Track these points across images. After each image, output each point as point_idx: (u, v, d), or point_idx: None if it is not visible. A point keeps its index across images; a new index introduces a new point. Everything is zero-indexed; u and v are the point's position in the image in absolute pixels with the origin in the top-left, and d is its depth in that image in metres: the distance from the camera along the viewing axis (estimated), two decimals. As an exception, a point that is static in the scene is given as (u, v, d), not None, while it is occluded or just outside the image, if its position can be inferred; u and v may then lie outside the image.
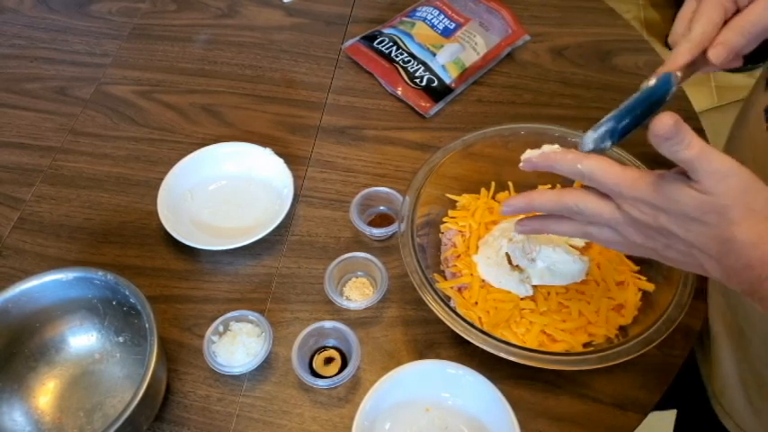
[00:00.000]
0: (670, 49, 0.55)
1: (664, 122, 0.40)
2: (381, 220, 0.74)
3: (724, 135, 0.70)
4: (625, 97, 0.55)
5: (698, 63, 0.52)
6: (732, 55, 0.50)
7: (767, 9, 0.49)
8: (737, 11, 0.50)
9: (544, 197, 0.50)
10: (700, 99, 1.86)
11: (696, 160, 0.41)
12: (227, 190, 0.77)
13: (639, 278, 0.64)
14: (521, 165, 0.51)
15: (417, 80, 0.85)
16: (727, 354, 0.64)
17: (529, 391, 0.62)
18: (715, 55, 0.50)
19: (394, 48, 0.88)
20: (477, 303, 0.64)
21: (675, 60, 0.51)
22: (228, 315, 0.64)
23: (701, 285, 0.63)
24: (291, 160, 0.78)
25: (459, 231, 0.69)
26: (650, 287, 0.63)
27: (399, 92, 0.86)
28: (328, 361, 0.64)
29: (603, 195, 0.47)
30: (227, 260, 0.71)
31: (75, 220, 0.76)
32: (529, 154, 0.50)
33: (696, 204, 0.42)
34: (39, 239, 0.74)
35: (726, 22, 0.50)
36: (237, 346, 0.62)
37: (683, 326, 0.60)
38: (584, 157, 0.47)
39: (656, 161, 0.74)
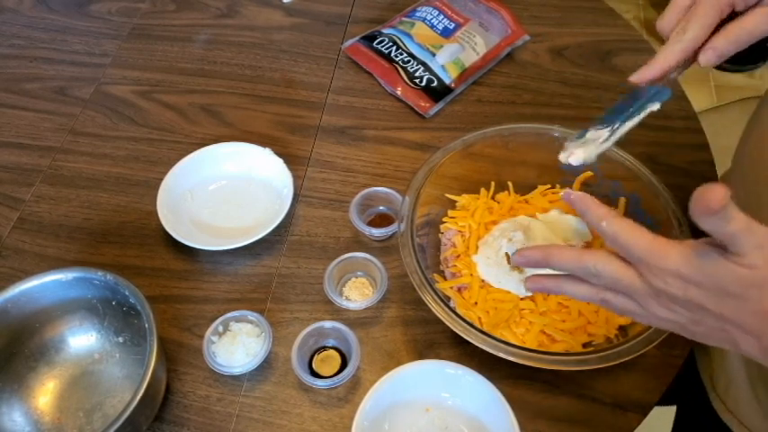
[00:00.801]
0: None
1: (714, 197, 0.36)
2: (381, 221, 0.74)
3: (724, 135, 0.70)
4: (625, 97, 0.55)
5: (684, 61, 0.53)
6: (720, 60, 0.50)
7: (764, 19, 0.48)
8: (733, 13, 0.50)
9: (563, 257, 0.47)
10: (699, 99, 1.86)
11: (741, 234, 0.38)
12: (226, 190, 0.77)
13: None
14: (561, 194, 0.49)
15: (417, 80, 0.85)
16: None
17: (528, 391, 0.62)
18: (705, 59, 0.50)
19: (393, 48, 0.88)
20: (476, 303, 0.64)
21: (666, 59, 0.52)
22: (228, 315, 0.64)
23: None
24: (291, 160, 0.78)
25: (459, 231, 0.69)
26: (650, 287, 0.63)
27: (399, 92, 0.86)
28: (326, 361, 0.64)
29: (626, 261, 0.44)
30: (227, 260, 0.71)
31: (75, 220, 0.76)
32: (569, 192, 0.48)
33: (736, 279, 0.39)
34: (38, 239, 0.74)
35: (720, 23, 0.49)
36: (237, 346, 0.62)
37: (683, 326, 0.60)
38: (611, 217, 0.44)
39: (655, 161, 0.75)
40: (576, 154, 0.58)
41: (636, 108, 0.59)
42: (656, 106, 0.58)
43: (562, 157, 0.57)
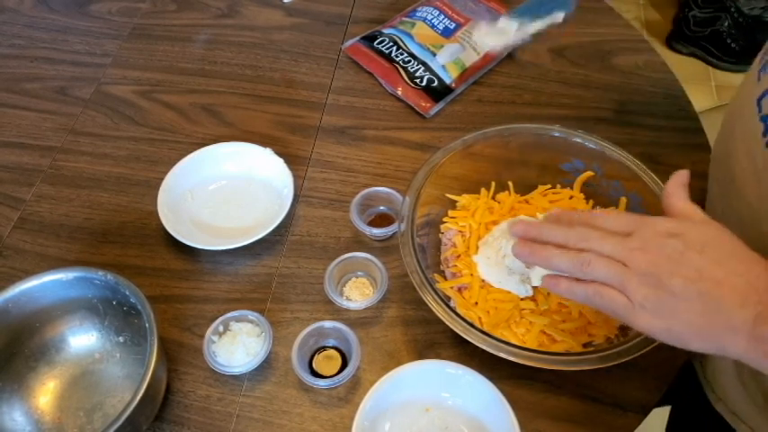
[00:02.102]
0: (671, 48, 0.56)
1: (681, 174, 0.50)
2: (381, 220, 0.74)
3: (724, 135, 0.70)
4: (625, 97, 0.56)
5: None
6: None
7: None
8: None
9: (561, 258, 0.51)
10: (700, 99, 1.86)
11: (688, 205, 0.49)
12: (227, 190, 0.77)
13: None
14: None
15: (417, 80, 0.85)
16: None
17: (529, 391, 0.62)
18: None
19: (394, 48, 0.88)
20: (477, 303, 0.64)
21: None
22: (228, 315, 0.64)
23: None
24: (291, 160, 0.78)
25: (460, 231, 0.69)
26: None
27: (399, 92, 0.86)
28: (326, 361, 0.64)
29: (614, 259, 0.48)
30: (227, 260, 0.71)
31: (76, 219, 0.76)
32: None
33: (710, 228, 0.46)
34: (39, 239, 0.74)
35: None
36: (237, 345, 0.62)
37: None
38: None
39: (655, 161, 0.75)
40: (489, 40, 0.69)
41: (543, 13, 0.67)
42: (559, 17, 0.65)
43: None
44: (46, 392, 0.62)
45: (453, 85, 0.86)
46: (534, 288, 0.64)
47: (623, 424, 0.60)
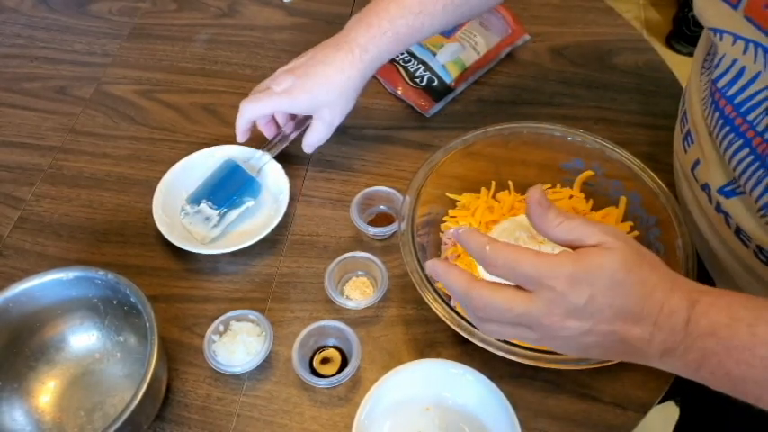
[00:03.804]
0: (671, 48, 0.57)
1: (535, 193, 0.44)
2: (382, 220, 0.74)
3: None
4: (625, 97, 0.56)
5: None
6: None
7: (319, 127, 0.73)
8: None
9: (455, 280, 0.46)
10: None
11: (585, 225, 0.43)
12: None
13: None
14: (451, 233, 0.52)
15: (417, 80, 0.85)
16: None
17: (529, 391, 0.62)
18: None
19: (394, 47, 0.88)
20: (477, 303, 0.64)
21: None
22: (229, 314, 0.64)
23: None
24: (292, 159, 0.78)
25: (460, 231, 0.69)
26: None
27: (399, 91, 0.86)
28: (326, 360, 0.64)
29: (514, 288, 0.44)
30: (228, 260, 0.71)
31: (76, 219, 0.76)
32: (456, 230, 0.47)
33: (615, 262, 0.41)
34: (39, 239, 0.74)
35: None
36: (238, 345, 0.62)
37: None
38: (493, 241, 0.44)
39: (655, 161, 0.75)
40: (194, 228, 0.72)
41: (237, 198, 0.72)
42: (251, 202, 0.73)
43: (182, 215, 0.72)
44: (46, 392, 0.62)
45: (453, 84, 0.86)
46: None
47: (623, 423, 0.60)
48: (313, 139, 0.73)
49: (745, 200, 0.55)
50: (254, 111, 0.71)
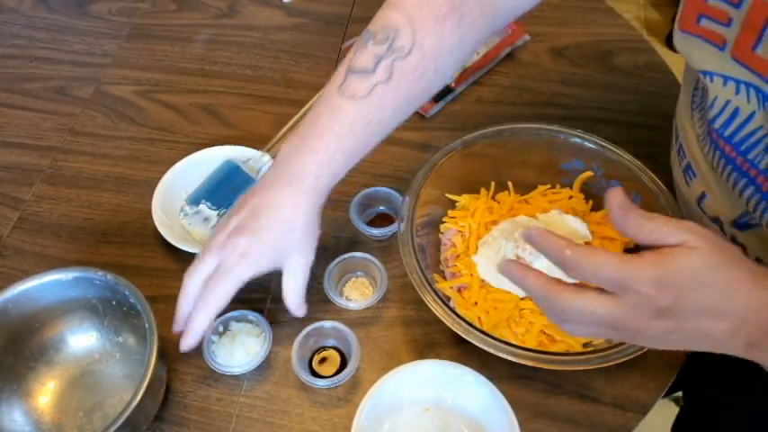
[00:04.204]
0: (671, 48, 0.57)
1: (616, 195, 0.42)
2: (381, 220, 0.74)
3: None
4: (625, 97, 0.56)
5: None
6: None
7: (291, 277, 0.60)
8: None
9: (534, 283, 0.45)
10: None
11: (668, 225, 0.42)
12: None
13: (639, 278, 0.64)
14: (522, 234, 0.47)
15: (417, 80, 0.85)
16: None
17: (529, 391, 0.62)
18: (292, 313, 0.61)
19: (394, 48, 0.88)
20: (476, 303, 0.64)
21: (185, 344, 0.59)
22: (228, 315, 0.64)
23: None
24: (291, 160, 0.78)
25: (459, 231, 0.69)
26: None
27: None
28: (324, 360, 0.64)
29: (597, 290, 0.43)
30: (227, 260, 0.71)
31: (75, 219, 0.76)
32: (530, 231, 0.46)
33: (701, 261, 0.41)
34: (38, 239, 0.74)
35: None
36: (237, 345, 0.62)
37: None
38: (574, 244, 0.43)
39: (655, 161, 0.75)
40: (193, 228, 0.71)
41: (237, 198, 0.68)
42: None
43: (181, 216, 0.71)
44: (45, 392, 0.62)
45: (453, 84, 0.86)
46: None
47: (623, 424, 0.60)
48: (294, 294, 0.61)
49: (761, 232, 0.53)
50: (218, 301, 0.57)
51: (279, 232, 0.58)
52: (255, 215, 0.59)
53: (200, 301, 0.58)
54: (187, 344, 0.58)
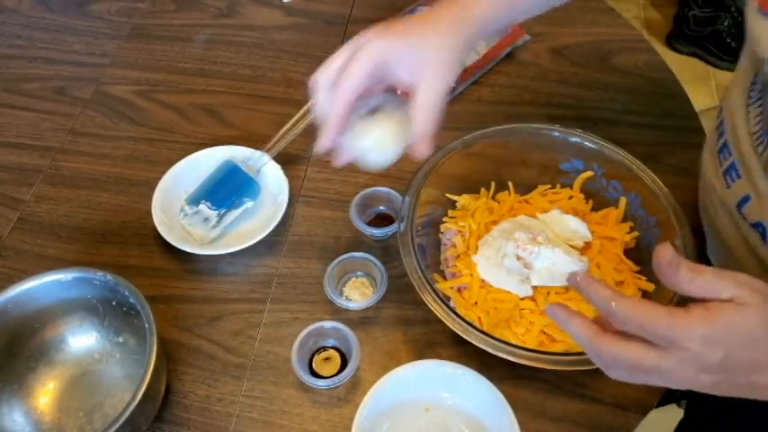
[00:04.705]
0: (671, 48, 0.55)
1: (665, 253, 0.41)
2: (381, 221, 0.74)
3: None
4: (625, 97, 0.56)
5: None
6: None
7: (431, 91, 0.52)
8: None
9: (580, 333, 0.45)
10: (700, 98, 1.86)
11: (717, 278, 0.40)
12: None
13: (639, 278, 0.64)
14: (567, 278, 0.47)
15: (417, 80, 0.85)
16: None
17: (529, 391, 0.62)
18: (421, 153, 0.53)
19: (394, 47, 0.88)
20: (476, 303, 0.64)
21: (322, 144, 0.53)
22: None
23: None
24: (291, 160, 0.78)
25: (459, 231, 0.69)
26: (650, 287, 0.63)
27: (398, 91, 0.86)
28: (325, 359, 0.64)
29: (642, 341, 0.42)
30: (227, 260, 0.71)
31: (75, 220, 0.76)
32: (575, 275, 0.46)
33: (753, 317, 0.39)
34: (38, 240, 0.74)
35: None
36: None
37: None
38: (619, 297, 0.42)
39: (655, 160, 0.75)
40: (193, 228, 0.71)
41: (236, 198, 0.70)
42: (250, 202, 0.71)
43: (181, 216, 0.71)
44: (46, 393, 0.62)
45: (453, 84, 0.86)
46: (534, 288, 0.64)
47: (622, 424, 0.60)
48: (427, 113, 0.53)
49: None
50: (352, 81, 0.51)
51: (424, 38, 0.53)
52: (404, 22, 0.55)
53: (332, 88, 0.52)
54: (322, 145, 0.52)
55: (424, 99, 0.52)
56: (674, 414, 0.89)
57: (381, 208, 0.75)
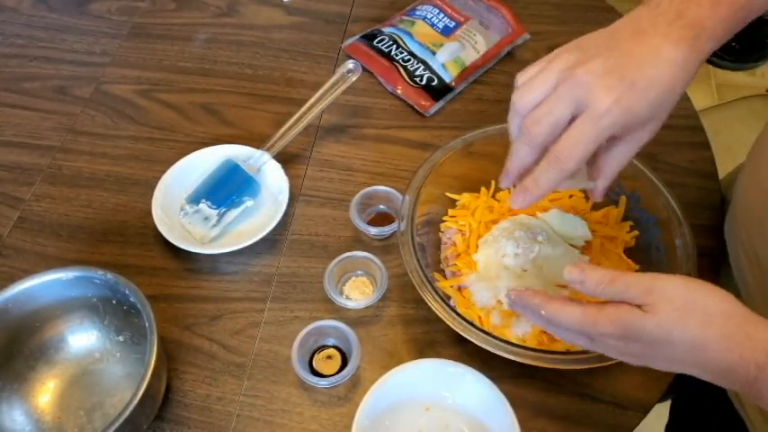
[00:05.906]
0: None
1: (573, 275, 0.47)
2: (381, 220, 0.74)
3: (725, 133, 0.70)
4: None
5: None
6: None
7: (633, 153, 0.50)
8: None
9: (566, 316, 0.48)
10: (700, 97, 1.86)
11: (631, 288, 0.45)
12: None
13: (639, 277, 0.64)
14: (504, 297, 0.57)
15: (417, 79, 0.85)
16: None
17: (529, 390, 0.62)
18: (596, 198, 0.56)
19: (394, 46, 0.88)
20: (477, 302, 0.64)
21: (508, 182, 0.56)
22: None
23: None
24: (291, 159, 0.78)
25: (459, 230, 0.69)
26: (650, 286, 0.63)
27: (399, 91, 0.86)
28: (327, 357, 0.64)
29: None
30: (227, 259, 0.71)
31: (75, 219, 0.76)
32: (510, 293, 0.53)
33: (655, 327, 0.43)
34: (38, 239, 0.74)
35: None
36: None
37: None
38: (546, 303, 0.48)
39: (655, 159, 0.75)
40: (193, 227, 0.71)
41: (237, 197, 0.71)
42: (250, 201, 0.71)
43: (181, 215, 0.71)
44: (46, 392, 0.62)
45: (453, 83, 0.86)
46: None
47: (623, 423, 0.60)
48: (616, 168, 0.51)
49: None
50: (582, 150, 0.46)
51: (660, 93, 0.46)
52: (633, 62, 0.45)
53: (551, 152, 0.47)
54: (521, 201, 0.50)
55: (616, 164, 0.51)
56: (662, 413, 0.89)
57: (381, 207, 0.75)
